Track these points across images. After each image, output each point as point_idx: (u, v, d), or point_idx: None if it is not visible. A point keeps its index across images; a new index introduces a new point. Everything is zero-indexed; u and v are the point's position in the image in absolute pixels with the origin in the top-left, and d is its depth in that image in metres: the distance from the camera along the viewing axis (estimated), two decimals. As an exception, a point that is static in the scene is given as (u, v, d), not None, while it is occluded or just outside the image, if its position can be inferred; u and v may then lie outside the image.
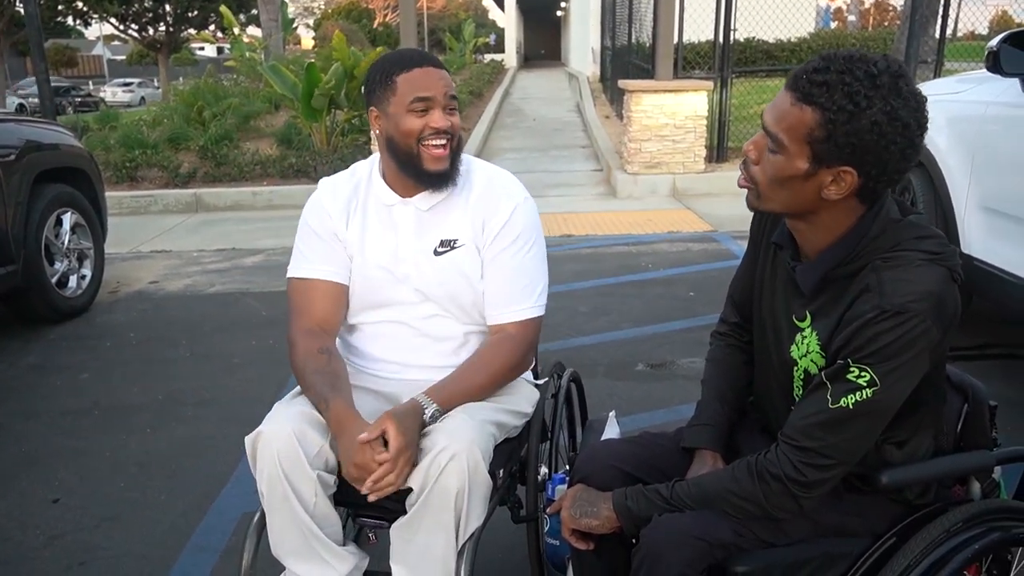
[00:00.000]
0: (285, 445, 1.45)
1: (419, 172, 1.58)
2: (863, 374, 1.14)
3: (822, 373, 1.20)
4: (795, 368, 1.30)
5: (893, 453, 1.27)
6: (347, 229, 1.66)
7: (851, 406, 1.15)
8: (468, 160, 1.72)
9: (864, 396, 1.15)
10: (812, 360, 1.26)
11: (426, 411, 1.47)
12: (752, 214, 1.42)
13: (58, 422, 3.10)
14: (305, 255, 1.68)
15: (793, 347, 1.30)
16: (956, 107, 3.28)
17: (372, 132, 1.65)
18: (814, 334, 1.26)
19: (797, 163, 1.17)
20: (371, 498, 1.40)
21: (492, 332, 1.66)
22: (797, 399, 1.32)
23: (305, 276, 1.66)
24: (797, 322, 1.30)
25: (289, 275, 1.70)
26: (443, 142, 1.56)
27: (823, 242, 1.24)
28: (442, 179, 1.59)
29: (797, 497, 1.20)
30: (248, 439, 1.50)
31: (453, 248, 1.63)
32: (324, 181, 1.75)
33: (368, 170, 1.71)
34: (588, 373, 3.29)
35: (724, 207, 6.65)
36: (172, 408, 3.18)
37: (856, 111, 1.11)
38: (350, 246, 1.66)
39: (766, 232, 1.41)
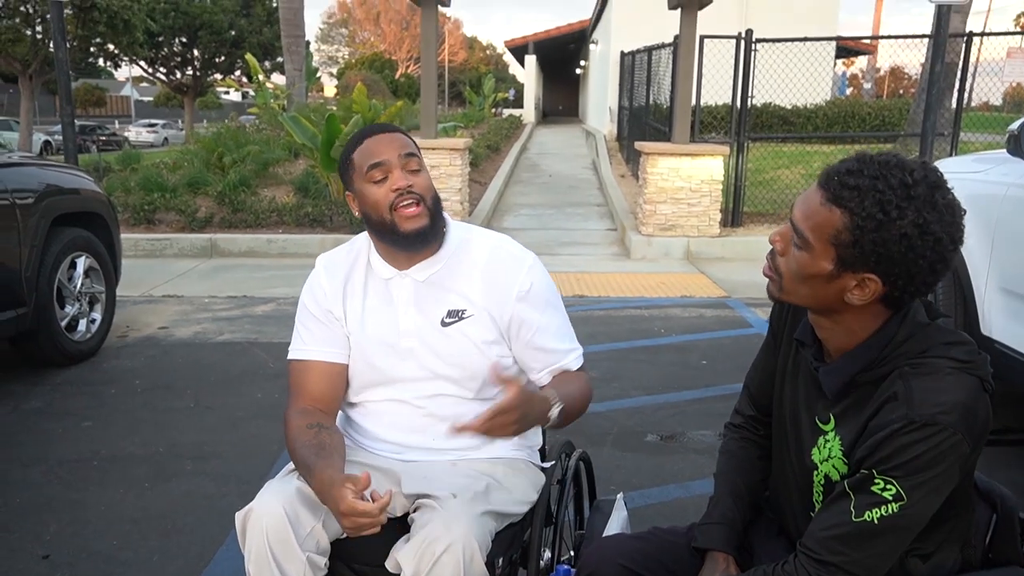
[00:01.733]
0: (275, 524, 1.40)
1: (397, 237, 1.55)
2: (889, 487, 1.09)
3: (845, 483, 1.14)
4: (815, 473, 1.25)
5: (918, 567, 1.20)
6: (345, 306, 1.64)
7: (876, 521, 1.10)
8: (467, 227, 1.70)
9: (889, 511, 1.09)
10: (834, 465, 1.21)
11: (553, 408, 1.42)
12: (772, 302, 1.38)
13: (56, 471, 3.04)
14: (302, 336, 1.66)
15: (815, 450, 1.25)
16: (975, 187, 3.26)
17: (355, 215, 1.63)
18: (837, 439, 1.21)
19: (822, 263, 1.14)
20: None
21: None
22: (816, 503, 1.27)
23: (302, 358, 1.65)
24: (820, 424, 1.25)
25: (288, 357, 1.68)
26: (412, 201, 1.53)
27: (847, 343, 1.20)
28: (421, 238, 1.55)
29: (816, 613, 1.13)
30: (238, 516, 1.45)
31: (462, 318, 1.59)
32: (321, 258, 1.73)
33: (364, 246, 1.69)
34: (597, 443, 3.24)
35: (738, 272, 6.62)
36: (172, 462, 3.13)
37: (886, 221, 1.08)
38: (349, 323, 1.63)
39: (787, 324, 1.37)
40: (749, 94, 7.82)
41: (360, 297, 1.64)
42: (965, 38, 7.86)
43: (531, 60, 31.07)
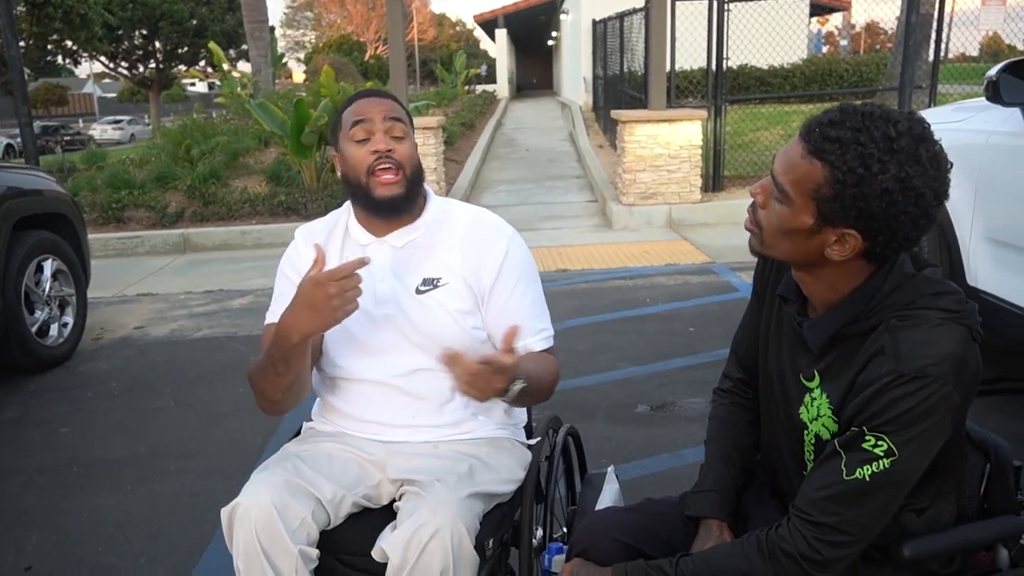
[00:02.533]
0: (264, 518, 1.37)
1: (370, 201, 1.57)
2: (880, 443, 1.07)
3: (835, 441, 1.13)
4: (805, 432, 1.23)
5: (913, 521, 1.19)
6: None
7: (868, 478, 1.08)
8: (448, 201, 1.72)
9: (881, 467, 1.08)
10: (824, 424, 1.19)
11: (515, 385, 1.37)
12: (756, 260, 1.35)
13: (35, 480, 3.00)
14: (277, 301, 1.67)
15: (802, 409, 1.24)
16: (956, 137, 3.25)
17: (338, 175, 1.62)
18: (824, 396, 1.19)
19: (802, 217, 1.12)
20: None
21: None
22: (808, 463, 1.26)
23: (273, 322, 1.62)
24: (805, 382, 1.24)
25: (265, 323, 1.68)
26: (391, 167, 1.54)
27: (831, 297, 1.18)
28: (393, 206, 1.57)
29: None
30: (224, 511, 1.42)
31: (436, 287, 1.59)
32: (300, 229, 1.75)
33: (345, 214, 1.70)
34: (586, 416, 3.23)
35: (722, 237, 6.61)
36: (155, 463, 3.09)
37: (867, 175, 1.05)
38: None
39: (770, 282, 1.35)
40: (724, 56, 7.77)
41: (336, 262, 1.62)
42: (939, -13, 7.83)
43: (502, 34, 30.83)
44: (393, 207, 1.57)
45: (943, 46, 8.00)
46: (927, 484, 1.16)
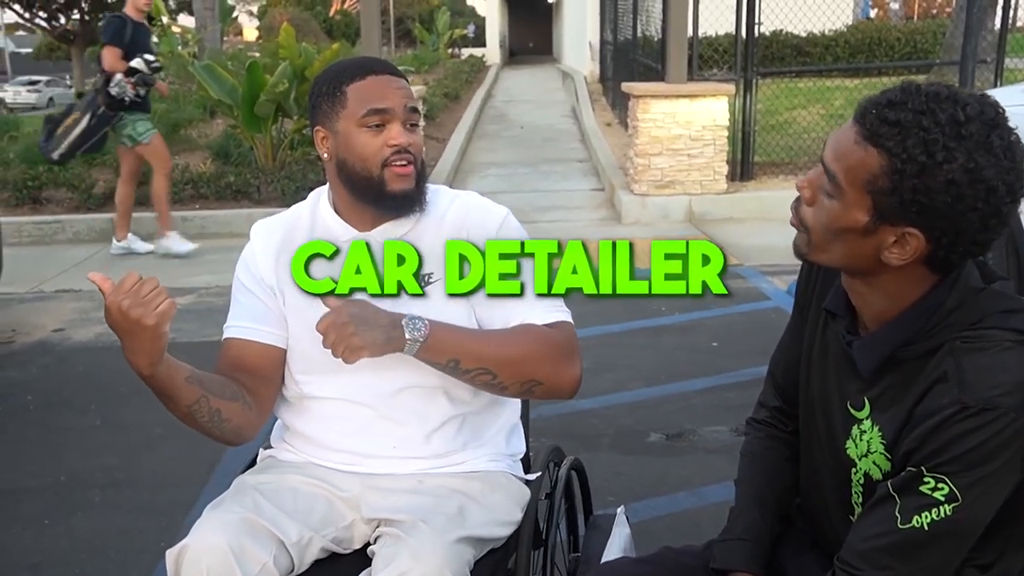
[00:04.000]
0: (218, 563, 1.38)
1: (382, 195, 1.57)
2: (941, 486, 1.09)
3: (889, 483, 1.15)
4: (853, 470, 1.25)
5: (977, 578, 1.22)
6: (282, 277, 1.64)
7: (926, 527, 1.10)
8: (434, 187, 1.73)
9: (942, 514, 1.10)
10: (874, 462, 1.21)
11: (407, 325, 1.44)
12: (800, 266, 1.37)
13: (-67, 512, 3.00)
14: (234, 312, 1.69)
15: (850, 443, 1.26)
16: (1027, 122, 3.29)
17: (320, 155, 1.63)
18: (876, 429, 1.21)
19: (855, 213, 1.14)
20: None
21: None
22: (855, 506, 1.28)
23: (231, 336, 1.67)
24: (853, 412, 1.26)
25: (224, 336, 1.70)
26: (407, 161, 1.56)
27: (886, 312, 1.20)
28: (408, 202, 1.59)
29: (859, 640, 1.14)
30: (170, 554, 1.43)
31: (428, 283, 1.59)
32: (256, 225, 1.75)
33: (313, 203, 1.71)
34: (591, 446, 3.26)
35: (751, 235, 6.66)
36: (76, 493, 3.10)
37: (930, 164, 1.07)
38: (289, 297, 1.63)
39: (816, 294, 1.37)
40: (756, 21, 7.81)
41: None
42: (1010, -55, 7.91)
43: (493, -12, 30.87)
44: (407, 202, 1.59)
45: (1011, 14, 8.07)
46: (993, 535, 1.18)
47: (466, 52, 31.04)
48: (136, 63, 6.13)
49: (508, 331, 1.57)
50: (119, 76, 6.09)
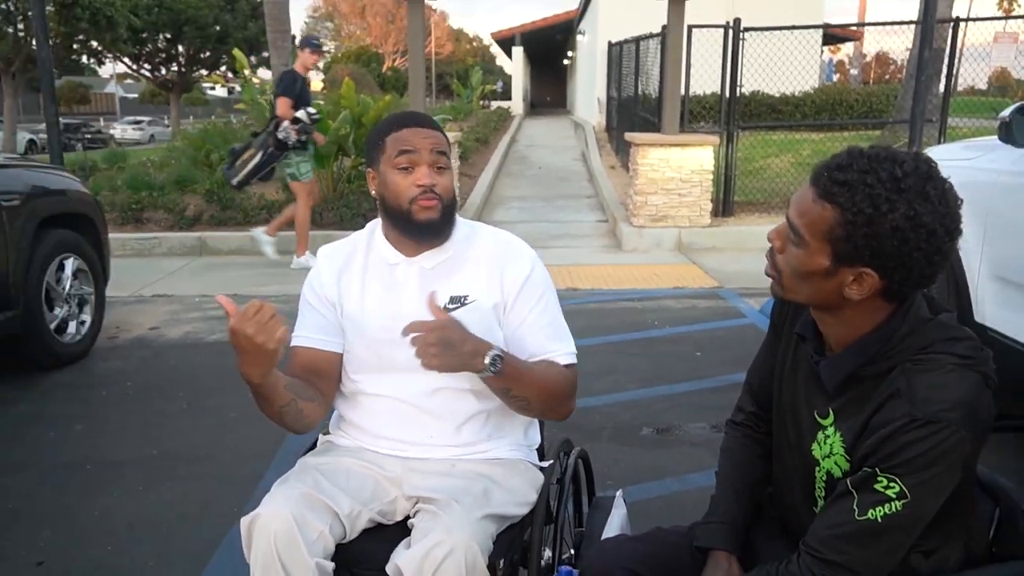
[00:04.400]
0: (283, 530, 1.38)
1: (410, 224, 1.58)
2: (892, 485, 1.08)
3: (848, 480, 1.14)
4: (817, 468, 1.24)
5: (921, 563, 1.20)
6: (340, 289, 1.66)
7: (879, 519, 1.09)
8: (472, 224, 1.74)
9: (893, 509, 1.09)
10: (836, 463, 1.20)
11: (487, 354, 1.44)
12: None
13: (48, 477, 3.02)
14: (300, 324, 1.70)
15: (815, 445, 1.24)
16: (966, 174, 3.25)
17: (371, 191, 1.65)
18: (838, 435, 1.20)
19: (818, 259, 1.14)
20: None
21: None
22: (819, 499, 1.26)
23: (296, 344, 1.68)
24: (819, 419, 1.25)
25: (290, 344, 1.68)
26: (433, 198, 1.57)
27: (848, 337, 1.19)
28: (434, 230, 1.60)
29: (821, 613, 1.13)
30: (244, 521, 1.43)
31: (463, 304, 1.60)
32: (321, 250, 1.76)
33: (369, 232, 1.72)
34: (593, 437, 3.23)
35: (730, 262, 6.62)
36: (165, 465, 3.10)
37: (876, 215, 1.07)
38: (346, 306, 1.64)
39: (788, 318, 1.36)
40: (738, 83, 7.80)
41: (359, 281, 1.65)
42: (952, 23, 7.86)
43: (518, 52, 30.99)
44: (432, 231, 1.59)
45: (953, 81, 8.01)
46: (936, 526, 1.16)
47: (495, 104, 31.11)
48: (300, 114, 6.20)
49: (548, 371, 1.60)
50: (286, 123, 6.17)
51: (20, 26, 21.51)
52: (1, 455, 3.20)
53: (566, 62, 36.39)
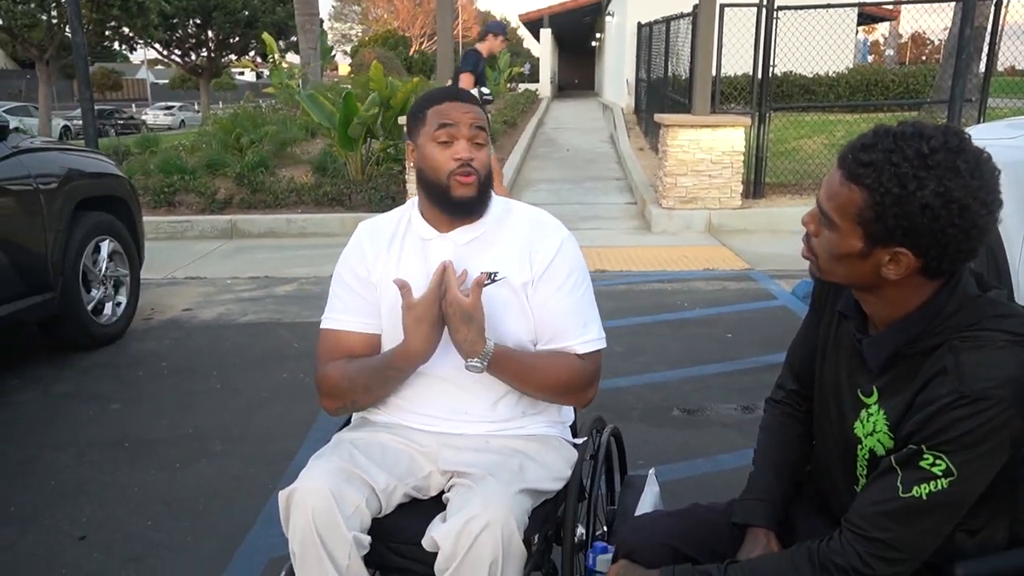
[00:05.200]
0: (321, 504, 1.40)
1: (447, 200, 1.58)
2: (938, 463, 1.06)
3: (892, 457, 1.12)
4: (859, 447, 1.22)
5: (965, 542, 1.18)
6: (379, 268, 1.65)
7: (925, 497, 1.07)
8: (507, 201, 1.73)
9: (939, 487, 1.07)
10: (879, 440, 1.18)
11: (473, 360, 1.48)
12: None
13: (87, 454, 3.08)
14: (334, 306, 1.69)
15: (857, 423, 1.23)
16: (1009, 153, 3.17)
17: (408, 164, 1.66)
18: (881, 412, 1.18)
19: (851, 241, 1.12)
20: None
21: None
22: (860, 478, 1.25)
23: (332, 327, 1.67)
24: (863, 397, 1.23)
25: (321, 326, 1.70)
26: (470, 172, 1.57)
27: (892, 315, 1.17)
28: (469, 207, 1.59)
29: (862, 590, 1.12)
30: (282, 495, 1.45)
31: (494, 281, 1.59)
32: (363, 224, 1.75)
33: (408, 209, 1.72)
34: (623, 418, 3.22)
35: (761, 244, 6.54)
36: (200, 444, 3.15)
37: (904, 194, 1.05)
38: (382, 285, 1.64)
39: (830, 297, 1.34)
40: (771, 63, 7.67)
41: (396, 257, 1.66)
42: (995, 0, 7.65)
43: (546, 34, 30.75)
44: (467, 207, 1.59)
45: (994, 60, 7.81)
46: (982, 506, 1.14)
47: (522, 87, 30.96)
48: (474, 92, 6.25)
49: (552, 367, 1.60)
50: None
51: (54, 13, 21.78)
52: (42, 433, 3.28)
53: (594, 44, 36.06)
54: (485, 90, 6.37)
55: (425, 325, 1.47)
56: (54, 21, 21.90)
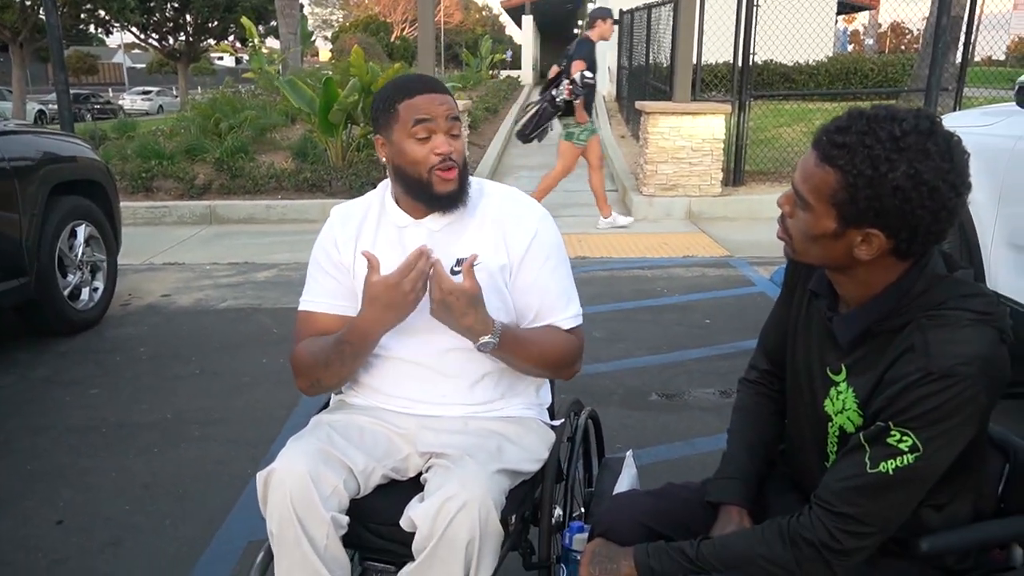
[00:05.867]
0: (298, 485, 1.40)
1: (430, 196, 1.58)
2: (905, 439, 1.09)
3: (860, 434, 1.14)
4: (830, 424, 1.24)
5: (931, 517, 1.21)
6: (352, 252, 1.65)
7: (891, 472, 1.10)
8: (479, 181, 1.72)
9: (905, 462, 1.09)
10: (848, 418, 1.20)
11: (484, 338, 1.47)
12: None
13: (65, 439, 3.06)
14: (311, 288, 1.69)
15: (827, 401, 1.25)
16: (983, 140, 3.22)
17: (379, 158, 1.64)
18: (850, 390, 1.20)
19: (825, 222, 1.14)
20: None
21: None
22: (831, 455, 1.27)
23: (309, 309, 1.68)
24: (832, 375, 1.25)
25: (298, 308, 1.70)
26: (452, 166, 1.56)
27: (863, 295, 1.19)
28: (452, 200, 1.59)
29: (831, 564, 1.14)
30: (259, 476, 1.45)
31: (473, 266, 1.59)
32: (335, 209, 1.75)
33: (381, 195, 1.71)
34: (603, 402, 3.25)
35: (740, 232, 6.59)
36: (180, 428, 3.14)
37: (876, 175, 1.07)
38: (359, 272, 1.63)
39: (802, 277, 1.36)
40: (751, 52, 7.70)
41: (370, 244, 1.64)
42: (971, -10, 7.71)
43: (528, 21, 30.67)
44: (451, 200, 1.59)
45: (971, 50, 7.89)
46: (947, 481, 1.17)
47: (504, 73, 30.86)
48: (576, 76, 6.21)
49: (549, 340, 1.61)
50: (565, 82, 6.23)
51: (27, -5, 21.39)
52: (20, 418, 3.25)
53: (576, 31, 35.99)
54: (588, 74, 6.26)
55: (378, 304, 1.46)
56: (27, 3, 21.50)
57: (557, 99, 6.28)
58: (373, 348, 1.56)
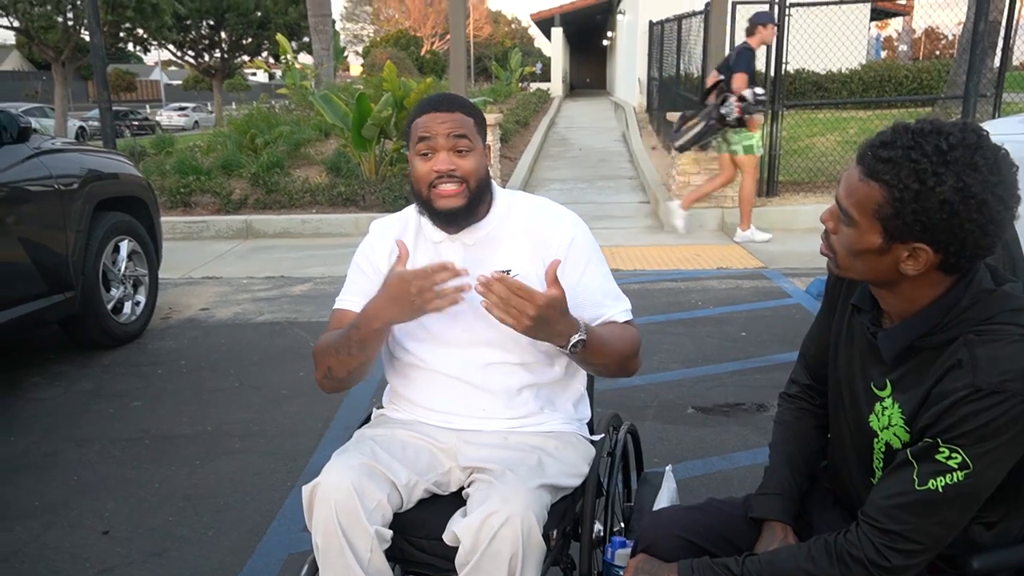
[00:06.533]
0: (344, 499, 1.42)
1: (432, 212, 1.61)
2: (954, 455, 1.08)
3: (908, 451, 1.13)
4: (875, 440, 1.24)
5: (982, 535, 1.19)
6: (390, 263, 1.65)
7: (941, 489, 1.09)
8: (511, 193, 1.74)
9: (955, 479, 1.08)
10: (895, 434, 1.19)
11: (574, 336, 1.47)
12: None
13: (109, 450, 3.13)
14: (347, 288, 1.74)
15: (872, 417, 1.24)
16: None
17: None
18: (896, 406, 1.20)
19: (870, 237, 1.13)
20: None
21: None
22: (876, 471, 1.26)
23: (343, 307, 1.71)
24: (876, 390, 1.24)
25: (335, 306, 1.74)
26: (453, 183, 1.57)
27: (908, 310, 1.18)
28: (454, 217, 1.60)
29: (879, 582, 1.13)
30: (305, 490, 1.47)
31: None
32: (375, 223, 1.79)
33: (417, 210, 1.73)
34: (638, 415, 3.24)
35: (774, 243, 6.53)
36: (220, 440, 3.19)
37: (923, 190, 1.06)
38: None
39: (843, 291, 1.35)
40: (783, 60, 7.65)
41: (408, 259, 1.66)
42: (1010, -6, 7.59)
43: (557, 33, 30.73)
44: (452, 218, 1.60)
45: (1010, 55, 7.76)
46: (999, 499, 1.15)
47: (534, 86, 30.92)
48: (747, 93, 6.08)
49: (621, 335, 1.62)
50: (732, 99, 6.08)
51: (70, 15, 21.96)
52: (65, 429, 3.33)
53: (606, 43, 36.01)
54: (759, 90, 6.08)
55: (385, 293, 1.49)
56: (70, 23, 22.08)
57: (728, 117, 6.06)
58: (379, 344, 1.58)
